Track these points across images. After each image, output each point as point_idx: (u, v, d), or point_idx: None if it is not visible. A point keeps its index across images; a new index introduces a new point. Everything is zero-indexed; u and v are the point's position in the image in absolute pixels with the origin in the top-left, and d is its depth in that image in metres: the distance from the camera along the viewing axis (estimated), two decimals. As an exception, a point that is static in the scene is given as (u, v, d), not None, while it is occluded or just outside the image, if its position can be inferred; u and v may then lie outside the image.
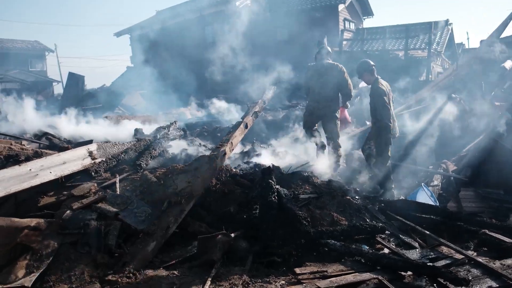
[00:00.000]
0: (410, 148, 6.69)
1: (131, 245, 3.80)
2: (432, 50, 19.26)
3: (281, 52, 21.48)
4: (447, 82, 7.04)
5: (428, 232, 4.03)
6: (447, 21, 23.34)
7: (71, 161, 4.85)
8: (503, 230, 3.95)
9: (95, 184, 4.51)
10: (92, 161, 5.00)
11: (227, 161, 5.40)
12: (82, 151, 5.09)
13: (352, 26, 25.89)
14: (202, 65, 22.33)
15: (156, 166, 5.23)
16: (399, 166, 6.15)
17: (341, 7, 23.84)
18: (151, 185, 4.36)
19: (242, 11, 25.87)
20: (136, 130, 7.50)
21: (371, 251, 3.64)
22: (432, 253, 3.75)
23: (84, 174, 4.87)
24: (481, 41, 10.93)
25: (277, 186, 4.60)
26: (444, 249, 3.80)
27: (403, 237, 4.16)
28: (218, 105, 13.90)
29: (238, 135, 5.24)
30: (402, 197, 5.11)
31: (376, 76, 5.55)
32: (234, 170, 5.15)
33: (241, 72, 19.50)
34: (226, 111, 13.56)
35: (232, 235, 4.00)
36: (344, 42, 22.81)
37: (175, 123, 6.71)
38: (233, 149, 5.16)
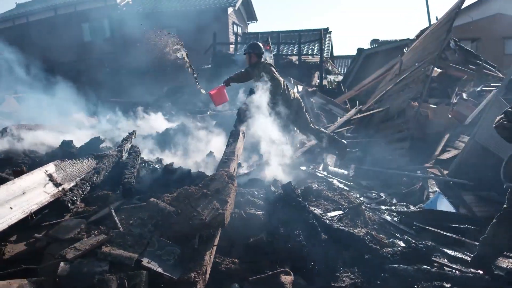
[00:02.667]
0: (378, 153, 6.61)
1: (169, 302, 2.82)
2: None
3: (167, 52, 20.38)
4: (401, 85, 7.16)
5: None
6: (327, 29, 24.79)
7: (32, 190, 3.54)
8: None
9: (84, 221, 3.33)
10: (59, 188, 3.73)
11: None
12: (40, 175, 3.77)
13: (239, 30, 25.94)
14: (81, 66, 20.14)
15: (141, 189, 4.13)
16: (383, 172, 5.98)
17: (230, 10, 23.69)
18: (168, 217, 3.33)
19: (124, 8, 24.10)
20: (67, 144, 6.10)
21: (458, 273, 3.24)
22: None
23: (51, 206, 3.61)
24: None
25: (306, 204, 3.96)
26: (506, 262, 3.60)
27: (448, 251, 3.87)
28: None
29: (241, 145, 4.43)
30: (412, 207, 4.85)
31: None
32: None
33: (127, 74, 17.94)
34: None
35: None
36: (232, 46, 22.72)
37: (135, 134, 5.52)
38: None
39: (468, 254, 3.80)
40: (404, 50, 26.18)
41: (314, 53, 22.00)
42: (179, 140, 7.32)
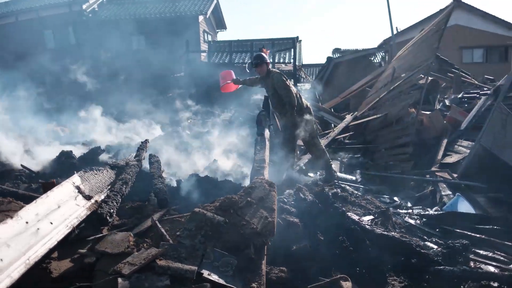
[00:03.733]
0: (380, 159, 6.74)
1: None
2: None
3: (138, 60, 20.04)
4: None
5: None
6: (297, 38, 25.12)
7: (65, 203, 3.34)
8: None
9: (131, 234, 3.17)
10: (91, 200, 3.55)
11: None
12: (68, 187, 3.57)
13: (210, 38, 25.88)
14: (41, 74, 19.40)
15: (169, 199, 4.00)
16: (390, 177, 6.09)
17: (201, 18, 23.58)
18: (217, 227, 3.24)
19: (90, 15, 23.49)
20: (67, 154, 5.86)
21: (507, 273, 3.32)
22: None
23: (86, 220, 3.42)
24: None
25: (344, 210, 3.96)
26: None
27: (480, 251, 3.97)
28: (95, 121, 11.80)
29: (268, 152, 4.39)
30: (430, 210, 4.95)
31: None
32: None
33: (91, 83, 17.39)
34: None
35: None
36: (204, 54, 22.63)
37: (147, 142, 5.33)
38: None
39: (498, 253, 3.91)
40: (371, 58, 26.98)
41: (286, 62, 22.28)
42: (171, 149, 7.18)
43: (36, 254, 2.60)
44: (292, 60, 22.02)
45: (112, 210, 3.45)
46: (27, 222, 2.84)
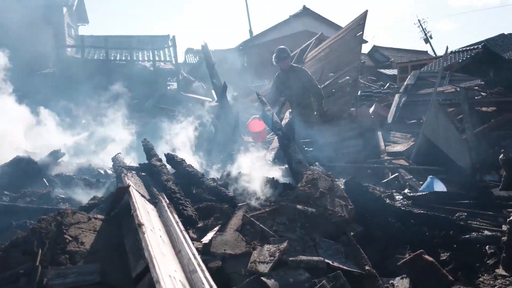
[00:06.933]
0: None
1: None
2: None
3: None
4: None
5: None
6: (169, 36, 24.74)
7: (146, 207, 3.07)
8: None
9: (238, 233, 3.07)
10: (163, 203, 3.30)
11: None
12: (134, 191, 3.25)
13: (73, 32, 23.76)
14: None
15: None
16: (347, 167, 6.71)
17: (64, 10, 21.48)
18: (311, 218, 3.31)
19: None
20: (26, 160, 5.12)
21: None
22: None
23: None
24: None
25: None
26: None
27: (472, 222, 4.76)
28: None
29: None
30: (406, 192, 5.65)
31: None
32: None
33: None
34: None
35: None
36: (69, 49, 20.79)
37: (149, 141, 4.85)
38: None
39: (482, 221, 4.77)
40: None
41: (162, 60, 21.73)
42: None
43: (197, 261, 2.40)
44: (169, 58, 21.68)
45: (195, 212, 3.25)
46: (151, 230, 2.57)
